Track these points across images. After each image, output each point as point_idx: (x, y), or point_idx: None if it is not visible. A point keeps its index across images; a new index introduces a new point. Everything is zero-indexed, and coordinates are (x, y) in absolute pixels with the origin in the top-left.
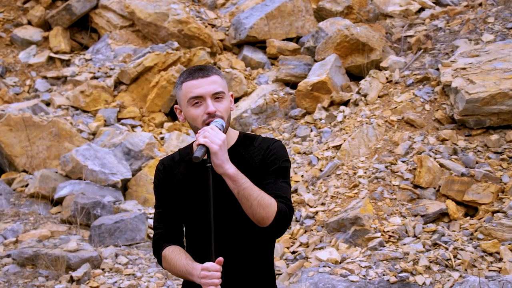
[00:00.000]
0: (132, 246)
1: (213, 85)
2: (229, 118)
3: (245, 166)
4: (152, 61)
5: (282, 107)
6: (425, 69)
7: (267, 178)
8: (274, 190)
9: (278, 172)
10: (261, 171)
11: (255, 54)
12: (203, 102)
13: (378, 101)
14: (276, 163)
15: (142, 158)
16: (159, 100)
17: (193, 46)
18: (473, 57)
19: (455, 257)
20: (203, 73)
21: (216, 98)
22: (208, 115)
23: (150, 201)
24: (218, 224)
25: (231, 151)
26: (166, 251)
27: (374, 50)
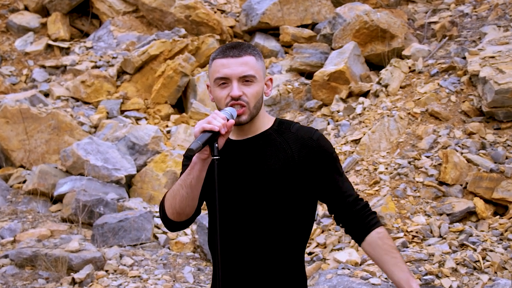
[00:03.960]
0: (137, 246)
1: (243, 67)
2: (258, 104)
3: (279, 152)
4: (157, 49)
5: (297, 99)
6: (451, 57)
7: (331, 177)
8: (349, 192)
9: (337, 165)
10: (302, 165)
11: (267, 42)
12: (229, 83)
13: (400, 92)
14: (330, 157)
15: (148, 152)
16: (165, 91)
17: (201, 33)
18: (502, 45)
19: (484, 259)
20: (234, 52)
21: (246, 81)
22: (231, 99)
23: (156, 198)
24: (248, 217)
25: (265, 136)
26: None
27: (396, 37)
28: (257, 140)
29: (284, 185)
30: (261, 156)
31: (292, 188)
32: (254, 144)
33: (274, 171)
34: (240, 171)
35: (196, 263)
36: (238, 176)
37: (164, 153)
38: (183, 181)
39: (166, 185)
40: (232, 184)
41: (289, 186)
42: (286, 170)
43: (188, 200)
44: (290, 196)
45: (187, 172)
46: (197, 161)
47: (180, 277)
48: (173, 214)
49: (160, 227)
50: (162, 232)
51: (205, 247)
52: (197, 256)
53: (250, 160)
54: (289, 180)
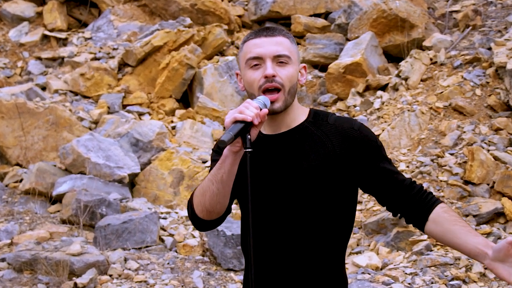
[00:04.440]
0: (143, 249)
1: (278, 46)
2: (293, 90)
3: (319, 146)
4: (161, 40)
5: (310, 93)
6: (475, 48)
7: (380, 166)
8: (402, 177)
9: (383, 153)
10: (345, 158)
11: None
12: (262, 64)
13: (421, 85)
14: (376, 145)
15: (152, 150)
16: (169, 84)
17: (207, 23)
18: None
19: None
20: (268, 31)
21: (280, 63)
22: (265, 79)
23: (161, 198)
24: (286, 216)
25: (301, 129)
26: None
27: (416, 27)
28: (293, 134)
29: (326, 182)
30: (299, 152)
31: (334, 185)
32: (290, 138)
33: (315, 168)
34: (276, 168)
35: (205, 267)
36: (274, 173)
37: (170, 150)
38: (214, 176)
39: (172, 184)
40: (268, 181)
41: (331, 182)
42: (328, 165)
43: (219, 197)
44: (332, 193)
45: (218, 166)
46: (229, 154)
47: (189, 282)
48: (203, 212)
49: (166, 229)
50: (168, 234)
51: (214, 250)
52: (206, 260)
53: (287, 156)
54: (331, 176)
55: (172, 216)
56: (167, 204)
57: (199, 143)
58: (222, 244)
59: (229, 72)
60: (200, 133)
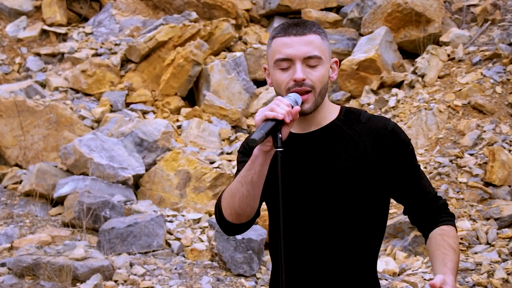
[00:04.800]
0: (148, 254)
1: (308, 46)
2: (324, 90)
3: (350, 146)
4: (166, 35)
5: None
6: (495, 44)
7: (409, 173)
8: (426, 189)
9: (413, 161)
10: (377, 159)
11: None
12: (291, 66)
13: (438, 82)
14: (406, 150)
15: (157, 150)
16: (175, 82)
17: (214, 17)
18: None
19: None
20: (298, 29)
21: (310, 64)
22: (294, 83)
23: (166, 201)
24: (316, 219)
25: (332, 128)
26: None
27: (432, 21)
28: (323, 133)
29: (358, 183)
30: (330, 152)
31: (366, 187)
32: (321, 137)
33: (346, 168)
34: (307, 168)
35: (214, 272)
36: (305, 173)
37: (176, 151)
38: (243, 178)
39: (178, 186)
40: (298, 182)
41: (363, 184)
42: (359, 166)
43: (249, 199)
44: (363, 194)
45: (248, 167)
46: (259, 154)
47: None
48: (232, 215)
49: (172, 233)
50: (175, 238)
51: (223, 254)
52: (215, 265)
53: (318, 156)
54: (363, 177)
55: (179, 219)
56: (173, 206)
57: (206, 143)
58: (232, 248)
59: (236, 69)
60: (207, 133)
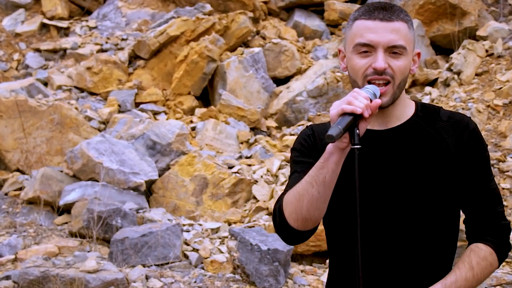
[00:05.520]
0: (165, 266)
1: (394, 34)
2: (403, 83)
3: (433, 145)
4: (178, 29)
5: (348, 89)
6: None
7: (474, 179)
8: (488, 202)
9: (486, 167)
10: (460, 160)
11: (309, 20)
12: (372, 52)
13: (476, 80)
14: (483, 155)
15: (171, 153)
16: (188, 80)
17: (229, 10)
18: None
19: None
20: (385, 14)
21: (393, 53)
22: (373, 71)
23: (181, 209)
24: (396, 223)
25: (412, 125)
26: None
27: (468, 14)
28: (404, 130)
29: (441, 184)
30: (412, 150)
31: (449, 187)
32: (402, 135)
33: (430, 168)
34: (386, 168)
35: (237, 286)
36: (384, 173)
37: (192, 154)
38: (313, 178)
39: (194, 192)
40: (375, 182)
41: (446, 184)
42: (443, 166)
43: (319, 202)
44: (445, 196)
45: (319, 166)
46: (334, 151)
47: None
48: (298, 220)
49: (189, 244)
50: (192, 249)
51: (247, 266)
52: (238, 278)
53: (399, 155)
54: (446, 177)
55: (196, 228)
56: (189, 215)
57: (223, 146)
58: (256, 260)
59: (255, 66)
60: (224, 135)
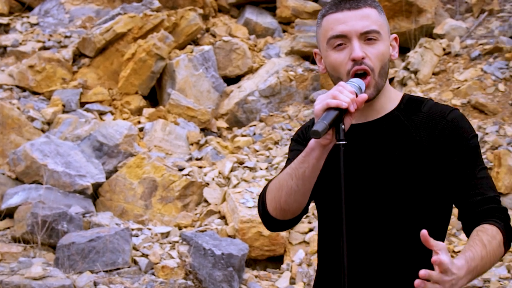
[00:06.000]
0: (113, 272)
1: (364, 21)
2: (384, 71)
3: (406, 139)
4: (125, 26)
5: (301, 88)
6: (495, 37)
7: (459, 170)
8: (477, 190)
9: (470, 157)
10: (433, 152)
11: (261, 17)
12: (347, 43)
13: (433, 79)
14: (464, 143)
15: (119, 155)
16: (135, 79)
17: (178, 6)
18: None
19: None
20: (351, 3)
21: (368, 40)
22: (353, 62)
23: (129, 213)
24: (371, 220)
25: (390, 119)
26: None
27: (424, 12)
28: (381, 124)
29: (413, 180)
30: (387, 145)
31: (423, 183)
32: (377, 129)
33: (403, 162)
34: (360, 162)
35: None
36: (358, 167)
37: (140, 156)
38: (294, 170)
39: (143, 196)
40: (352, 177)
41: (419, 179)
42: (414, 162)
43: (297, 195)
44: (419, 192)
45: (300, 160)
46: (316, 146)
47: None
48: (276, 209)
49: (138, 249)
50: (141, 254)
51: (200, 272)
52: (190, 284)
53: (372, 150)
54: (419, 174)
55: (145, 233)
56: (137, 219)
57: (172, 148)
58: (210, 265)
59: (205, 64)
60: (173, 136)
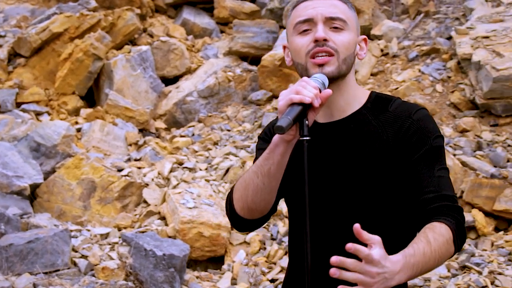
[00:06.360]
0: (53, 274)
1: (332, 8)
2: (349, 61)
3: (373, 139)
4: (61, 26)
5: (240, 89)
6: (431, 38)
7: (416, 167)
8: (432, 187)
9: (430, 156)
10: (398, 151)
11: (199, 18)
12: (313, 28)
13: (371, 80)
14: (426, 142)
15: (57, 156)
16: (72, 79)
17: (115, 6)
18: (496, 23)
19: (492, 284)
20: None
21: (334, 28)
22: (315, 44)
23: (67, 214)
24: (331, 212)
25: (356, 118)
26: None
27: (362, 13)
28: (347, 124)
29: (381, 180)
30: (352, 145)
31: (390, 184)
32: (343, 129)
33: (370, 162)
34: (327, 162)
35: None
36: (324, 167)
37: (79, 157)
38: (259, 168)
39: (81, 197)
40: (316, 175)
41: (387, 182)
42: (382, 161)
43: (264, 193)
44: (387, 193)
45: (265, 157)
46: (279, 142)
47: None
48: (244, 209)
49: (77, 250)
50: (80, 256)
51: (141, 273)
52: (131, 285)
53: (339, 150)
54: (387, 173)
55: (84, 234)
56: (76, 220)
57: (111, 148)
58: (151, 266)
59: (143, 65)
60: (111, 136)
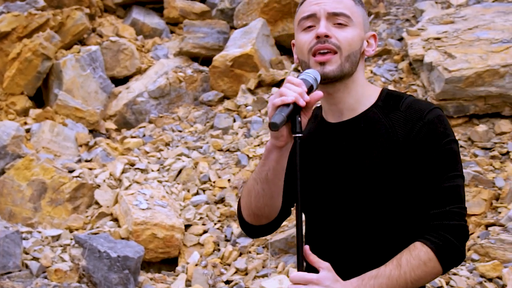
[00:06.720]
0: (4, 276)
1: (336, 3)
2: (354, 58)
3: (384, 139)
4: (9, 25)
5: (191, 90)
6: (383, 39)
7: (424, 175)
8: (436, 202)
9: (440, 162)
10: (408, 153)
11: (148, 17)
12: (316, 24)
13: None
14: (436, 147)
15: (6, 156)
16: (21, 79)
17: (64, 6)
18: (447, 24)
19: (447, 284)
20: None
21: (338, 24)
22: (317, 40)
23: (17, 216)
24: (340, 214)
25: (367, 117)
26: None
27: None
28: (357, 123)
29: (390, 183)
30: (362, 146)
31: (400, 187)
32: (353, 128)
33: (380, 163)
34: (336, 163)
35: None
36: (333, 168)
37: (29, 158)
38: (257, 174)
39: (32, 198)
40: (325, 177)
41: (396, 184)
42: (393, 160)
43: (265, 199)
44: (397, 197)
45: (261, 163)
46: (272, 148)
47: None
48: (250, 216)
49: (28, 252)
50: (32, 258)
51: (95, 275)
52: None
53: (348, 151)
54: (398, 174)
55: (35, 236)
56: (26, 222)
57: (61, 149)
58: (106, 268)
59: (92, 65)
60: (61, 137)
